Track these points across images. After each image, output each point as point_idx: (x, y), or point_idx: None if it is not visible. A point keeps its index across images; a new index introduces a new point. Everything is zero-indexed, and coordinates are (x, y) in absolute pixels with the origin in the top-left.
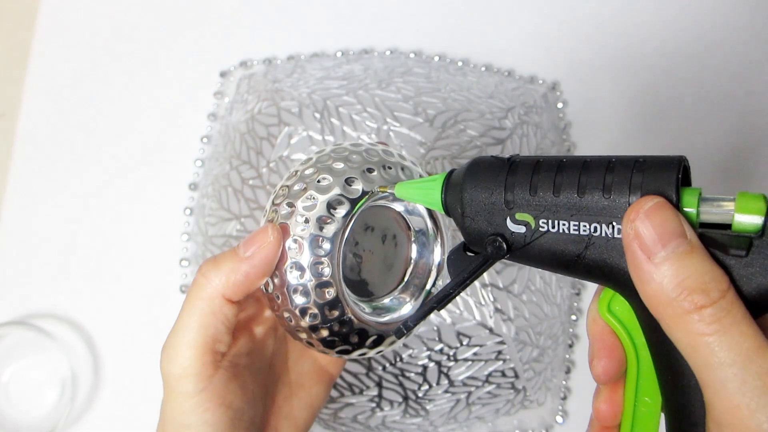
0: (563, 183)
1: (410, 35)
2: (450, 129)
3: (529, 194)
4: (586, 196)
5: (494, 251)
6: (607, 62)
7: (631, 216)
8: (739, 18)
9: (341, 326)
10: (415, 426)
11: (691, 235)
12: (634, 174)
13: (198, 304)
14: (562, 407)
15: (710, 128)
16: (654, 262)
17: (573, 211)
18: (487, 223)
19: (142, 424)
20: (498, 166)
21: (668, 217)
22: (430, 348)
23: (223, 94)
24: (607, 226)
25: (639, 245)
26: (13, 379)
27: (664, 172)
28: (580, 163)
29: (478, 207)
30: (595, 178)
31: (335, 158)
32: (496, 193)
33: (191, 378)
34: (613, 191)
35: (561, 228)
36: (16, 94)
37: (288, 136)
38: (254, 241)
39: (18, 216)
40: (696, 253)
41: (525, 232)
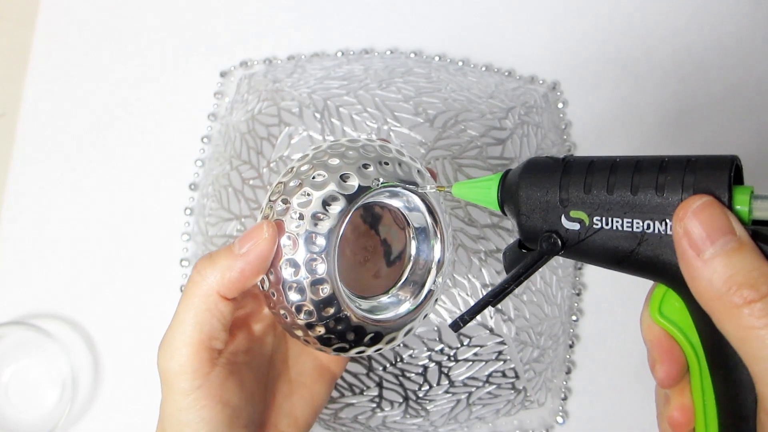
0: (617, 182)
1: (410, 35)
2: (450, 129)
3: (583, 192)
4: (639, 194)
5: (549, 247)
6: (608, 62)
7: (680, 214)
8: (740, 17)
9: (337, 323)
10: (416, 426)
11: (740, 232)
12: (687, 173)
13: (193, 301)
14: (562, 408)
15: (711, 128)
16: (703, 258)
17: (626, 208)
18: (543, 220)
19: (142, 424)
20: (553, 165)
21: (716, 214)
22: (430, 348)
23: (223, 94)
24: (660, 223)
25: (688, 242)
26: (13, 379)
27: (716, 171)
28: (633, 163)
29: (534, 205)
30: (648, 177)
31: (331, 154)
32: (551, 191)
33: (187, 375)
34: (666, 189)
35: (614, 225)
36: (16, 94)
37: (288, 136)
38: (249, 237)
39: (18, 216)
40: (745, 249)
41: (579, 229)
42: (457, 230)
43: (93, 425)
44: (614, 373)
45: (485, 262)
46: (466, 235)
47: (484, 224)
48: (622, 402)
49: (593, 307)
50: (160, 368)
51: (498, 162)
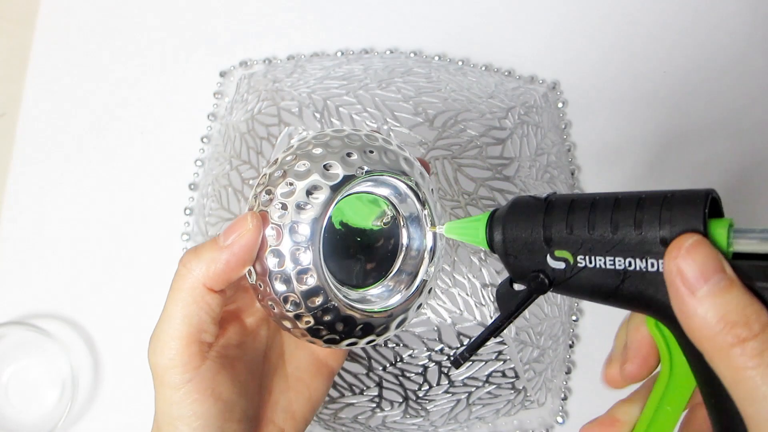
0: (597, 220)
1: (410, 35)
2: (450, 129)
3: (566, 232)
4: (619, 232)
5: (537, 287)
6: (608, 62)
7: (673, 253)
8: (741, 15)
9: (324, 314)
10: (416, 426)
11: (729, 270)
12: (663, 210)
13: (180, 295)
14: (562, 407)
15: (711, 127)
16: (697, 297)
17: (608, 246)
18: (529, 260)
19: (142, 424)
20: (536, 205)
21: (708, 253)
22: (430, 348)
23: (223, 94)
24: (641, 260)
25: (682, 281)
26: (13, 379)
27: (691, 207)
28: (612, 201)
29: (520, 245)
30: (626, 214)
31: (315, 144)
32: (535, 231)
33: (177, 369)
34: (644, 227)
35: (598, 263)
36: (16, 94)
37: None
38: (234, 229)
39: (18, 216)
40: (735, 287)
41: (565, 267)
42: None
43: (93, 425)
44: None
45: (485, 262)
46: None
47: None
48: None
49: (593, 307)
50: (150, 363)
51: (498, 162)
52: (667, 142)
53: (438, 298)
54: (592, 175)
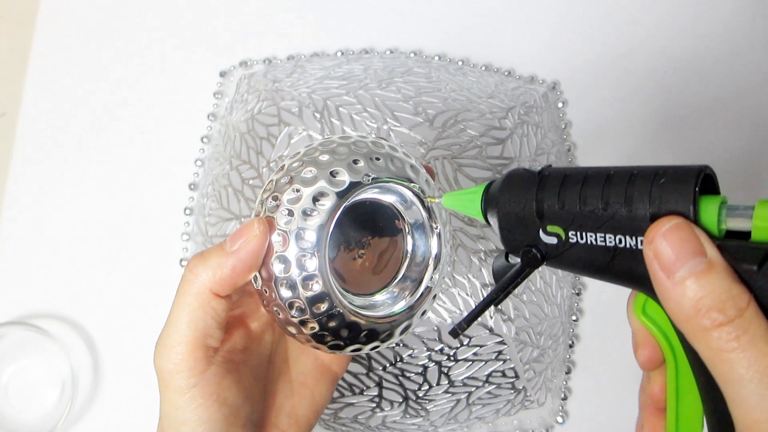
0: (588, 195)
1: (410, 35)
2: (450, 129)
3: (557, 207)
4: (609, 209)
5: (530, 261)
6: (608, 62)
7: (650, 236)
8: (740, 17)
9: (329, 320)
10: (416, 426)
11: (711, 253)
12: (654, 187)
13: (186, 299)
14: (562, 407)
15: (711, 127)
16: (674, 280)
17: (599, 223)
18: (522, 234)
19: (142, 424)
20: (529, 180)
21: (686, 236)
22: (430, 348)
23: (223, 94)
24: (631, 238)
25: (659, 265)
26: (13, 379)
27: (681, 184)
28: (604, 176)
29: (513, 219)
30: (617, 190)
31: (322, 151)
32: (528, 206)
33: (183, 373)
34: (634, 203)
35: (589, 239)
36: (16, 94)
37: (288, 136)
38: (240, 234)
39: (18, 216)
40: (714, 270)
41: (557, 243)
42: (457, 230)
43: (93, 425)
44: (614, 373)
45: (485, 261)
46: (466, 235)
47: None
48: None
49: (593, 307)
50: (156, 368)
51: (498, 162)
52: (667, 143)
53: (438, 298)
54: None
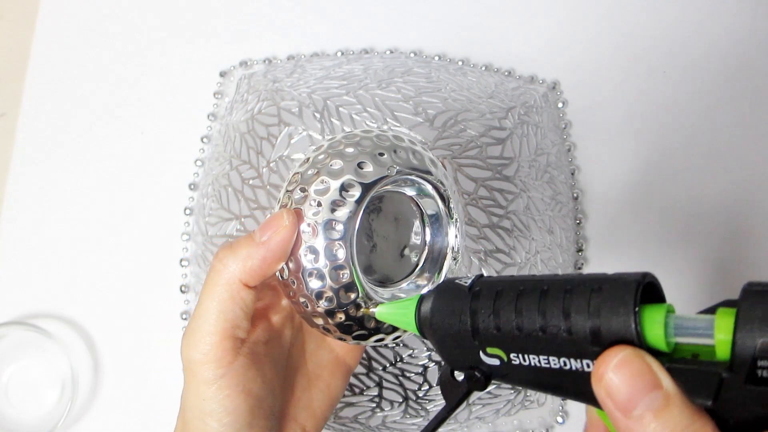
0: (524, 317)
1: (410, 35)
2: (450, 129)
3: (492, 328)
4: (548, 330)
5: (474, 385)
6: (608, 62)
7: (599, 373)
8: (740, 16)
9: (357, 310)
10: (416, 426)
11: (666, 383)
12: (591, 303)
13: (216, 290)
14: (562, 407)
15: (712, 127)
16: (632, 419)
17: (540, 345)
18: (462, 355)
19: (142, 424)
20: (461, 297)
21: (638, 370)
22: (430, 348)
23: (223, 94)
24: (576, 361)
25: (613, 404)
26: (13, 379)
27: (619, 299)
28: (538, 292)
29: (450, 340)
30: (553, 310)
31: (346, 144)
32: (462, 326)
33: (211, 364)
34: (573, 324)
35: (532, 362)
36: (16, 94)
37: (288, 136)
38: (270, 225)
39: (18, 216)
40: (672, 404)
41: (500, 364)
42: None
43: (93, 425)
44: None
45: (485, 262)
46: (466, 235)
47: (484, 224)
48: None
49: None
50: (183, 358)
51: (498, 162)
52: (667, 142)
53: None
54: (592, 175)
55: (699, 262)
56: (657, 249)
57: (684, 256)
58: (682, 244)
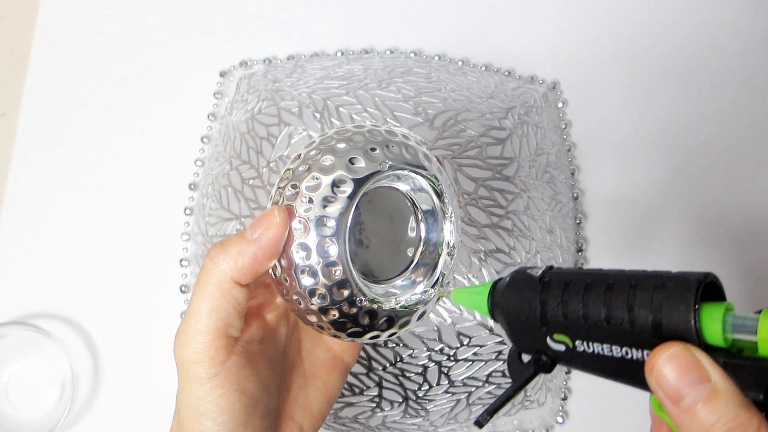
0: (590, 308)
1: (410, 35)
2: (450, 129)
3: (560, 317)
4: (612, 321)
5: (540, 367)
6: (608, 62)
7: (649, 366)
8: (741, 16)
9: (350, 306)
10: (416, 426)
11: (715, 377)
12: (654, 298)
13: (207, 288)
14: (562, 407)
15: (712, 127)
16: (681, 409)
17: (604, 334)
18: (530, 339)
19: (142, 424)
20: (532, 286)
21: (686, 364)
22: (430, 348)
23: (223, 94)
24: (637, 351)
25: (664, 394)
26: (13, 379)
27: (681, 296)
28: (605, 286)
29: (520, 325)
30: (618, 304)
31: (338, 139)
32: (532, 315)
33: (204, 363)
34: (636, 317)
35: (596, 350)
36: (16, 94)
37: (288, 136)
38: (261, 223)
39: (18, 216)
40: (720, 396)
41: (565, 350)
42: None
43: (93, 425)
44: None
45: (485, 262)
46: (466, 235)
47: (484, 224)
48: (622, 402)
49: None
50: (176, 358)
51: (498, 162)
52: (667, 142)
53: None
54: (592, 175)
55: (699, 261)
56: (657, 249)
57: (684, 256)
58: (682, 244)
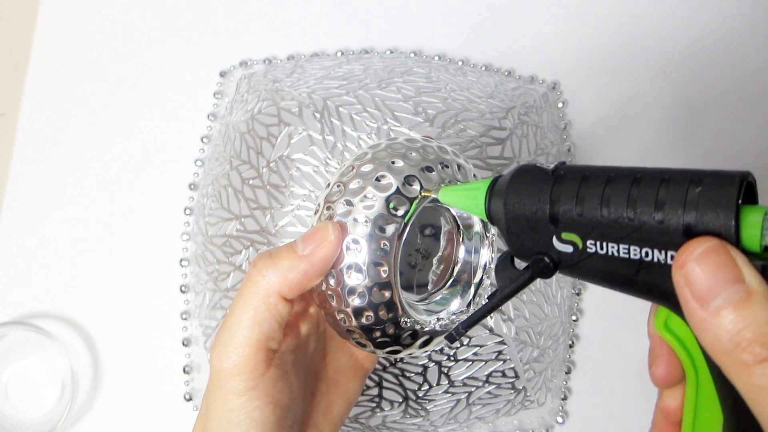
0: (611, 202)
1: (410, 35)
2: (450, 129)
3: (575, 213)
4: (636, 218)
5: (540, 271)
6: (608, 62)
7: (681, 261)
8: (741, 16)
9: (395, 328)
10: (416, 426)
11: (750, 279)
12: (689, 194)
13: (253, 301)
14: (562, 407)
15: (712, 127)
16: (708, 310)
17: (623, 233)
18: (533, 240)
19: (142, 423)
20: (542, 179)
21: (722, 261)
22: None
23: (223, 94)
24: (660, 252)
25: (691, 293)
26: (13, 379)
27: (722, 193)
28: (631, 179)
29: (523, 223)
30: (646, 198)
31: (393, 155)
32: (540, 210)
33: (243, 376)
34: (666, 214)
35: (610, 251)
36: (16, 94)
37: (288, 136)
38: (314, 239)
39: (18, 216)
40: (755, 299)
41: (572, 252)
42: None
43: (93, 425)
44: (614, 373)
45: None
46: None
47: None
48: (622, 402)
49: (593, 307)
50: (213, 368)
51: (498, 162)
52: (667, 142)
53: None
54: None
55: None
56: None
57: None
58: None
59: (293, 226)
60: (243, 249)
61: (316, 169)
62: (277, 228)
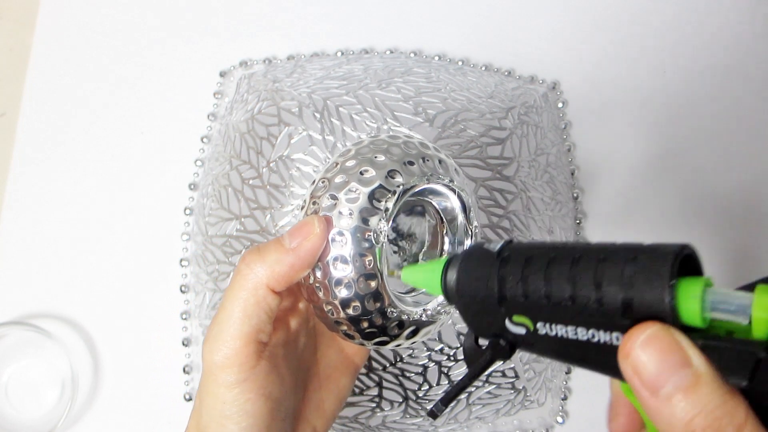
0: (553, 285)
1: (410, 35)
2: (450, 129)
3: (520, 296)
4: (577, 300)
5: (498, 353)
6: (608, 62)
7: (625, 350)
8: (741, 16)
9: (382, 318)
10: (416, 426)
11: (697, 362)
12: (625, 273)
13: (242, 294)
14: (562, 407)
15: (713, 127)
16: (659, 399)
17: (567, 316)
18: (487, 322)
19: (142, 423)
20: (488, 262)
21: (667, 346)
22: (430, 348)
23: (223, 94)
24: (605, 333)
25: (640, 382)
26: (13, 379)
27: (655, 270)
28: (570, 260)
29: (477, 306)
30: (584, 279)
31: (375, 150)
32: (489, 294)
33: (234, 368)
34: (604, 295)
35: (560, 333)
36: (16, 94)
37: (288, 135)
38: (300, 232)
39: (18, 216)
40: (703, 383)
41: (526, 333)
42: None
43: (93, 425)
44: None
45: None
46: None
47: (484, 224)
48: None
49: None
50: (205, 361)
51: (498, 162)
52: (667, 142)
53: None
54: (592, 175)
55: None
56: None
57: None
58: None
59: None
60: (243, 249)
61: (316, 169)
62: (277, 228)
